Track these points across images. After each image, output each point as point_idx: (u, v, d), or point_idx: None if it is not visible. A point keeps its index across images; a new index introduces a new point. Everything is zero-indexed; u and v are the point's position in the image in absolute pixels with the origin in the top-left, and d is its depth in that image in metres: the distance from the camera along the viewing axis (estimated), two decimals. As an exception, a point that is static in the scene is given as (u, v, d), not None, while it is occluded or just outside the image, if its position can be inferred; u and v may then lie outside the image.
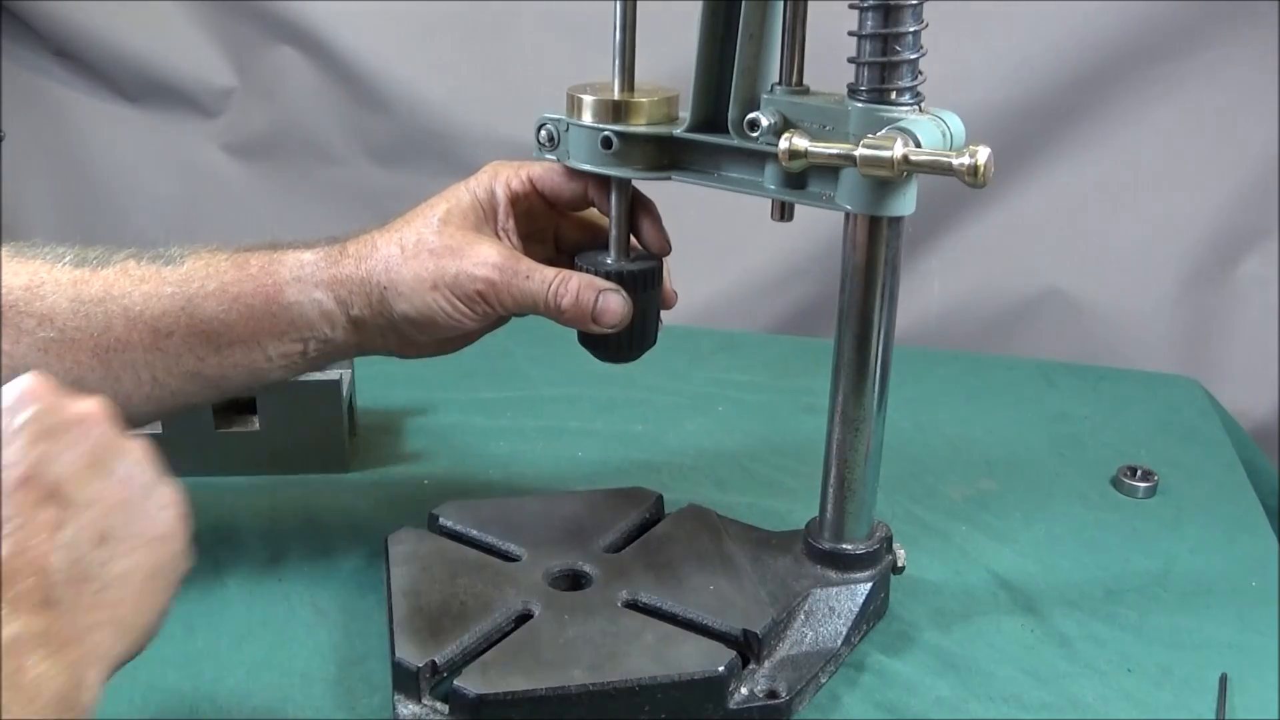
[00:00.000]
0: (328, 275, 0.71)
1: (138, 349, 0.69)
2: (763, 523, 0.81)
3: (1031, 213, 1.34)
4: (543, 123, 0.73)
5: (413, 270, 0.70)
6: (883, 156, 0.60)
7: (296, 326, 0.71)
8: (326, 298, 0.71)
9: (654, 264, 0.74)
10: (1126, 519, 0.90)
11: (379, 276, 0.71)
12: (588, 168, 0.72)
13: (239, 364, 0.72)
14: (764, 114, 0.66)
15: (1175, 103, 1.28)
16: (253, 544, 0.83)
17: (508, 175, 0.74)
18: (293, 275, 0.71)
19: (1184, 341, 1.34)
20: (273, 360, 0.72)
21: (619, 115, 0.70)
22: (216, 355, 0.71)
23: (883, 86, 0.64)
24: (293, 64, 1.48)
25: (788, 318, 1.43)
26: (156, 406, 0.72)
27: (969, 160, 0.59)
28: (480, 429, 1.01)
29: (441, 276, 0.70)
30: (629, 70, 0.71)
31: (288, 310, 0.71)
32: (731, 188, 0.70)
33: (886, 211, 0.66)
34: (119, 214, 1.60)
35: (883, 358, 0.70)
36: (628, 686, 0.63)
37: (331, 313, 0.71)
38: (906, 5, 0.63)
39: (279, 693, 0.68)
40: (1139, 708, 0.69)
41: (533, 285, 0.71)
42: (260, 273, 0.71)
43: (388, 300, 0.71)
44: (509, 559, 0.75)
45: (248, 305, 0.70)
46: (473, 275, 0.70)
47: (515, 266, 0.71)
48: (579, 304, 0.71)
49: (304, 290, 0.71)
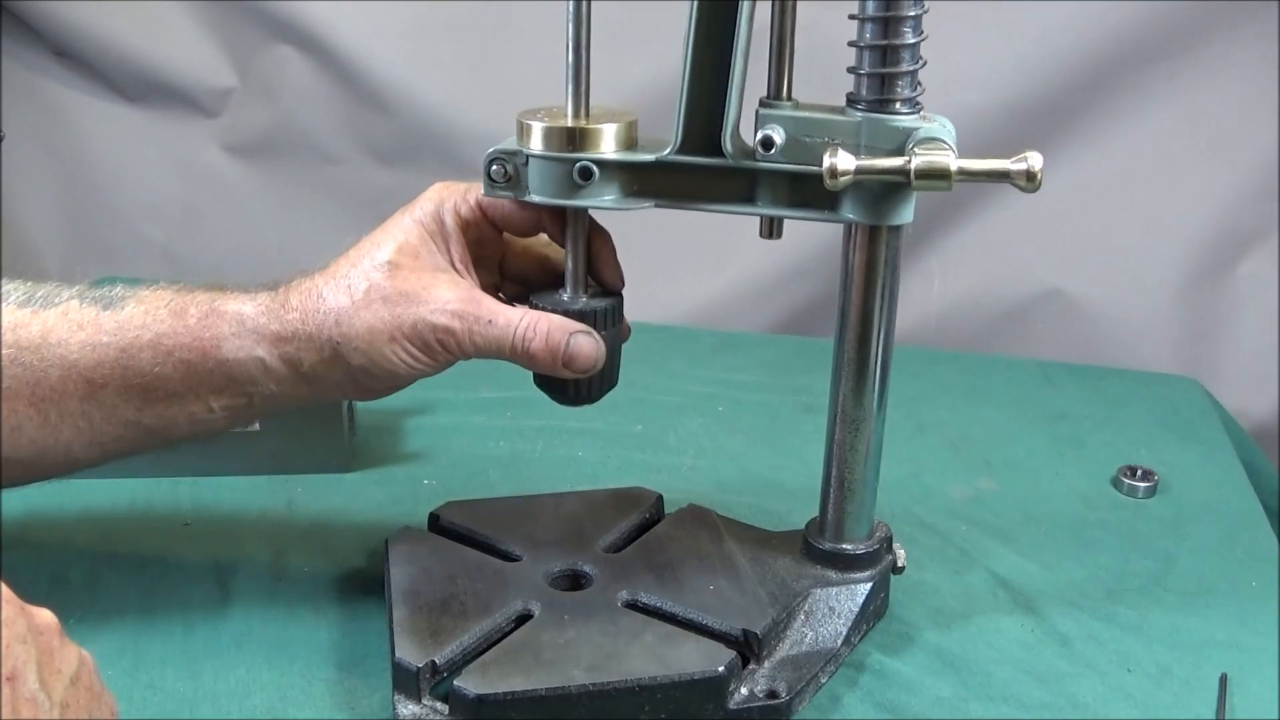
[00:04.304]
0: (270, 332, 0.67)
1: (74, 399, 0.67)
2: (763, 523, 0.81)
3: (1031, 213, 1.34)
4: (494, 158, 0.66)
5: (365, 322, 0.65)
6: (940, 167, 0.59)
7: (238, 382, 0.67)
8: (270, 355, 0.67)
9: (617, 299, 0.70)
10: (1126, 519, 0.90)
11: (329, 331, 0.66)
12: (554, 202, 0.66)
13: (179, 416, 0.68)
14: (774, 131, 0.64)
15: (1175, 103, 1.28)
16: (253, 544, 0.83)
17: (455, 201, 0.69)
18: (231, 331, 0.67)
19: (1184, 341, 1.34)
20: (215, 413, 0.68)
21: (586, 143, 0.65)
22: (153, 407, 0.68)
23: (885, 97, 0.64)
24: (293, 64, 1.48)
25: (788, 318, 1.43)
26: (100, 453, 0.70)
27: (1025, 166, 0.58)
28: (480, 429, 1.01)
29: (399, 326, 0.65)
30: (585, 92, 0.66)
31: (225, 367, 0.67)
32: (721, 210, 0.67)
33: (889, 221, 0.66)
34: (119, 214, 1.60)
35: (883, 358, 0.70)
36: (628, 687, 0.63)
37: (275, 370, 0.67)
38: (907, 15, 0.62)
39: (279, 693, 0.68)
40: (1139, 708, 0.69)
41: (496, 331, 0.66)
42: (198, 325, 0.67)
43: (342, 355, 0.66)
44: (509, 559, 0.75)
45: (183, 360, 0.67)
46: (432, 324, 0.65)
47: (476, 312, 0.66)
48: (550, 349, 0.66)
49: (244, 348, 0.67)
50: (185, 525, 0.85)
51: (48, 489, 0.89)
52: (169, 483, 0.90)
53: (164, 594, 0.77)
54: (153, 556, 0.81)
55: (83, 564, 0.80)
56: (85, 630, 0.72)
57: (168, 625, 0.74)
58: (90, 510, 0.86)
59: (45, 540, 0.83)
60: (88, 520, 0.85)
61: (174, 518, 0.86)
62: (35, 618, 0.49)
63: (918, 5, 0.63)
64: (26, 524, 0.84)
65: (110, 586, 0.77)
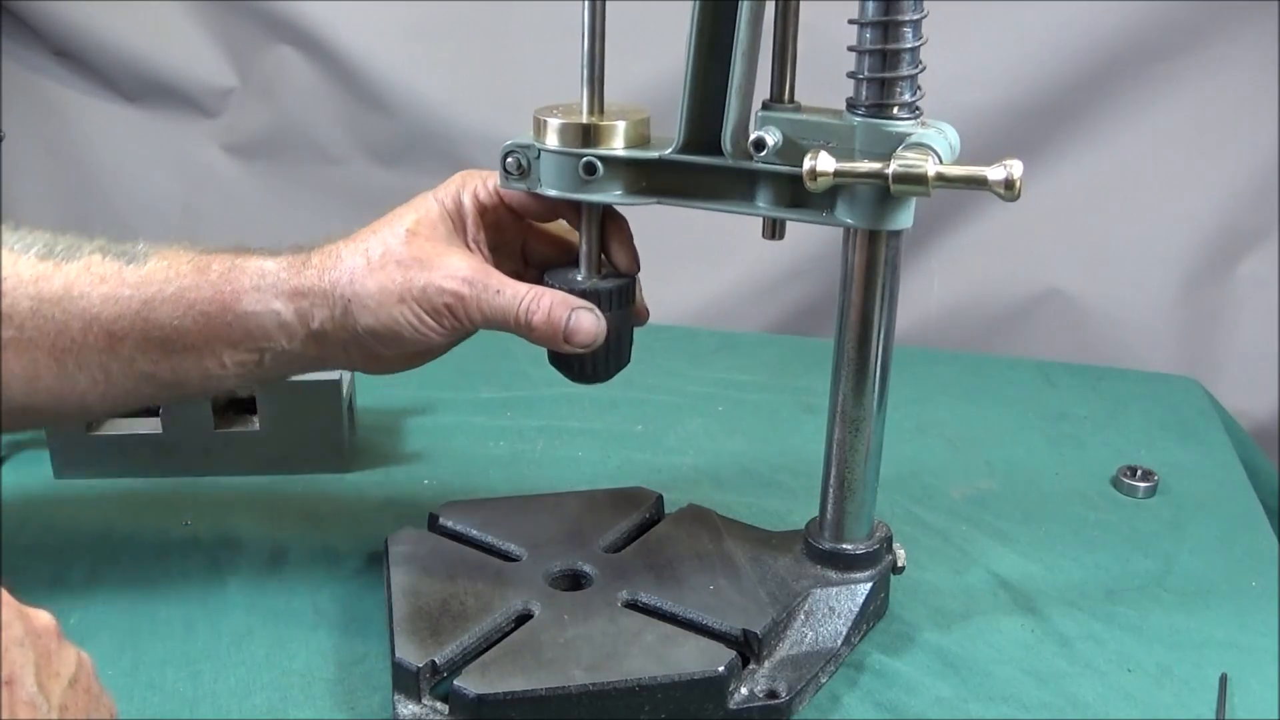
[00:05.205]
0: (289, 286, 0.69)
1: (93, 351, 0.69)
2: (763, 523, 0.81)
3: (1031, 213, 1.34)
4: (509, 150, 0.69)
5: (378, 282, 0.68)
6: (917, 173, 0.59)
7: (253, 337, 0.70)
8: (286, 309, 0.69)
9: (627, 280, 0.72)
10: (1126, 519, 0.90)
11: (343, 289, 0.69)
12: (565, 195, 0.69)
13: (193, 370, 0.70)
14: (768, 133, 0.65)
15: (1175, 103, 1.28)
16: (253, 544, 0.83)
17: (475, 186, 0.72)
18: (252, 284, 0.69)
19: (1184, 341, 1.34)
20: (227, 368, 0.71)
21: (595, 139, 0.67)
22: (170, 360, 0.70)
23: (883, 101, 0.64)
24: (293, 64, 1.48)
25: (788, 318, 1.43)
26: (112, 405, 0.73)
27: (1004, 174, 0.58)
28: (480, 429, 1.01)
29: (409, 289, 0.68)
30: (599, 90, 0.68)
31: (243, 320, 0.69)
32: (722, 208, 0.68)
33: (887, 226, 0.66)
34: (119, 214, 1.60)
35: (883, 358, 0.70)
36: (628, 686, 0.63)
37: (289, 325, 0.70)
38: (906, 20, 0.62)
39: (279, 693, 0.68)
40: (1139, 708, 0.69)
41: (503, 300, 0.68)
42: (220, 279, 0.69)
43: (352, 313, 0.69)
44: (509, 559, 0.75)
45: (203, 313, 0.69)
46: (441, 288, 0.68)
47: (485, 280, 0.68)
48: (551, 322, 0.68)
49: (262, 300, 0.69)
50: (185, 525, 0.85)
51: (48, 489, 0.89)
52: (169, 483, 0.90)
53: (164, 594, 0.77)
54: (153, 556, 0.81)
55: (83, 564, 0.80)
56: (85, 630, 0.72)
57: (168, 625, 0.74)
58: (90, 510, 0.86)
59: (45, 540, 0.83)
60: (88, 520, 0.85)
61: (174, 518, 0.86)
62: (33, 620, 0.49)
63: (916, 9, 0.63)
64: (26, 524, 0.84)
65: (110, 586, 0.77)
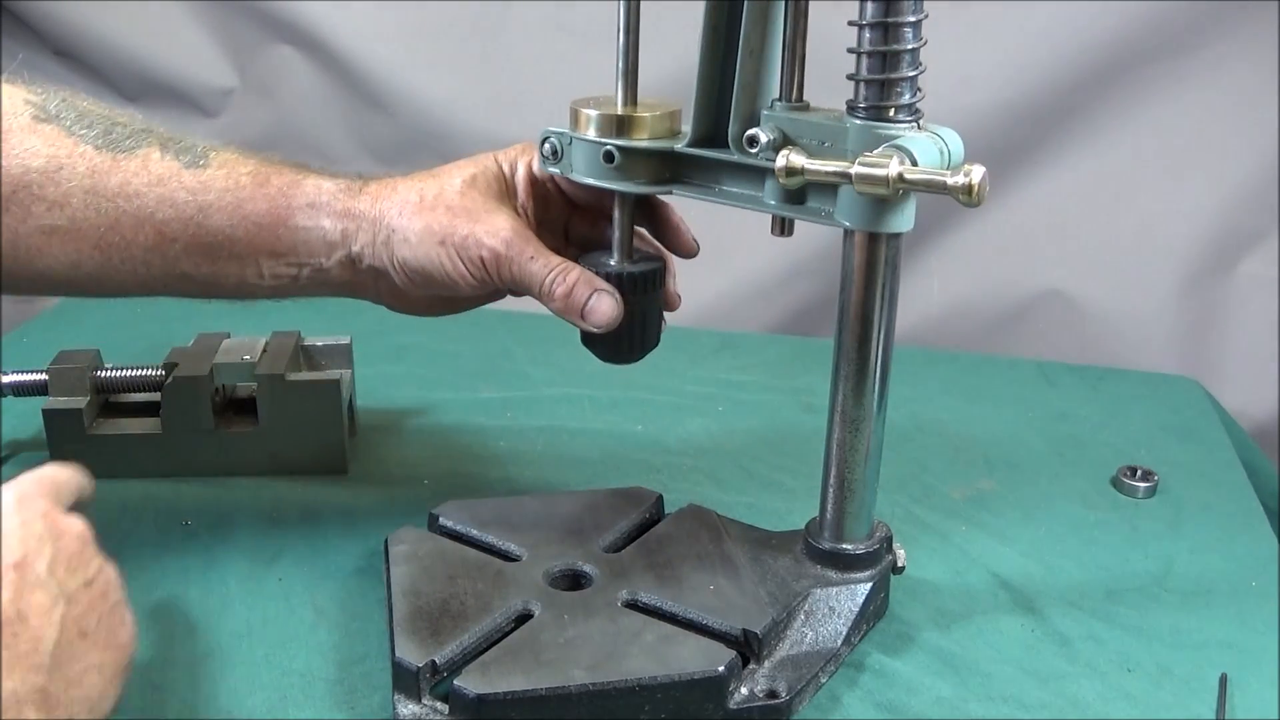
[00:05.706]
0: (341, 206, 0.73)
1: (139, 248, 0.71)
2: (763, 523, 0.81)
3: (1031, 213, 1.34)
4: (546, 136, 0.73)
5: (425, 221, 0.71)
6: (878, 174, 0.60)
7: (296, 251, 0.73)
8: (333, 227, 0.72)
9: (654, 266, 0.75)
10: (1126, 519, 0.90)
11: (390, 218, 0.72)
12: (590, 181, 0.72)
13: (231, 275, 0.73)
14: (763, 130, 0.66)
15: (1175, 102, 1.28)
16: (253, 544, 0.83)
17: (530, 158, 0.76)
18: (308, 201, 0.72)
19: (1184, 341, 1.35)
20: (264, 279, 0.73)
21: (621, 130, 0.70)
22: (212, 265, 0.72)
23: (881, 104, 0.64)
24: (293, 64, 1.48)
25: (788, 318, 1.43)
26: (146, 292, 0.75)
27: (964, 179, 0.59)
28: (480, 429, 1.01)
29: (452, 234, 0.71)
30: (632, 84, 0.71)
31: (293, 233, 0.72)
32: (731, 202, 0.70)
33: (885, 229, 0.66)
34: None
35: (883, 358, 0.70)
36: (628, 686, 0.63)
37: (333, 242, 0.73)
38: (905, 23, 0.62)
39: (279, 693, 0.68)
40: (1139, 708, 0.69)
41: (534, 267, 0.71)
42: (277, 193, 0.72)
43: (392, 243, 0.72)
44: (509, 559, 0.75)
45: (256, 224, 0.71)
46: (481, 241, 0.71)
47: (523, 245, 0.71)
48: (572, 297, 0.71)
49: (314, 217, 0.72)
50: (185, 525, 0.85)
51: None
52: (169, 483, 0.90)
53: (164, 594, 0.77)
54: (153, 556, 0.81)
55: (83, 564, 0.80)
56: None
57: (168, 625, 0.74)
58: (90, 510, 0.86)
59: (45, 540, 0.82)
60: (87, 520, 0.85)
61: (174, 518, 0.86)
62: (59, 522, 0.52)
63: (916, 10, 0.63)
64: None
65: (110, 586, 0.77)
